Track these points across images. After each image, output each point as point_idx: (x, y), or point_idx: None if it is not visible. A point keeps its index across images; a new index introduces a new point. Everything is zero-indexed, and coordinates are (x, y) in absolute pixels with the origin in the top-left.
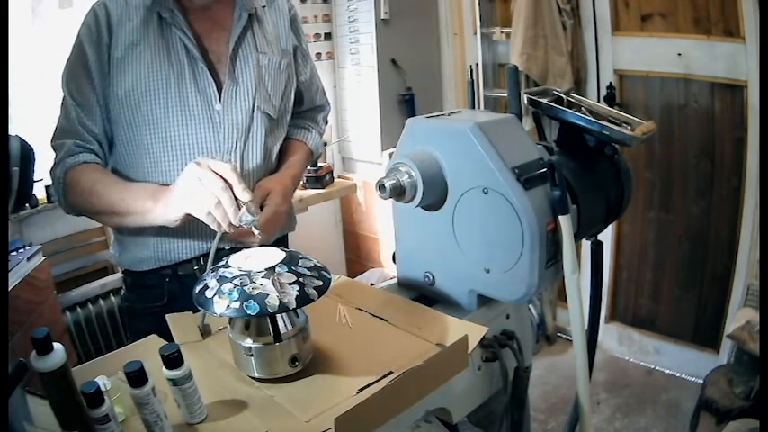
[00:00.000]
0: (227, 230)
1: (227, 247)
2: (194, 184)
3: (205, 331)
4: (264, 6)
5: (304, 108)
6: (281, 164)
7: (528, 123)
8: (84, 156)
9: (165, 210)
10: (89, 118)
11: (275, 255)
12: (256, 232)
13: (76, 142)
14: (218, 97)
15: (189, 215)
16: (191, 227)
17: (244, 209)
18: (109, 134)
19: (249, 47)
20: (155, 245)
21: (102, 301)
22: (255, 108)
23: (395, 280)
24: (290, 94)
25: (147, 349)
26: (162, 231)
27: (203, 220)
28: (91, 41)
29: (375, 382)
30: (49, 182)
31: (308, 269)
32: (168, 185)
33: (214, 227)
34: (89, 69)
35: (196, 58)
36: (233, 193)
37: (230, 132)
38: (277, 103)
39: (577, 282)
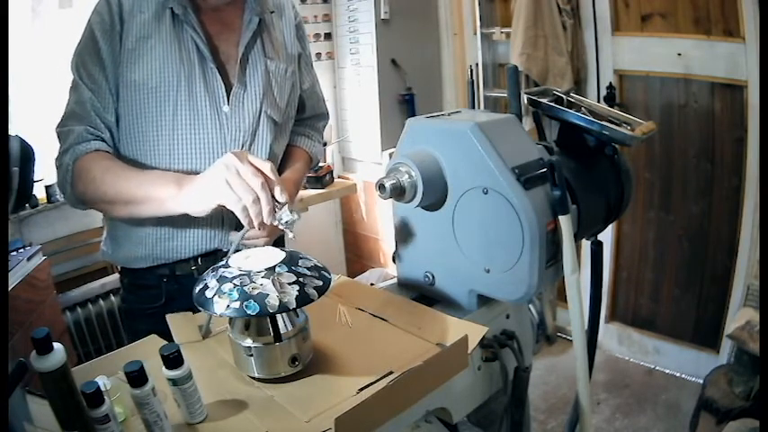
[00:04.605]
0: (257, 228)
1: (225, 249)
2: (233, 176)
3: (205, 331)
4: (273, 12)
5: (306, 115)
6: (282, 170)
7: (528, 123)
8: (95, 143)
9: (193, 197)
10: (102, 104)
11: (275, 255)
12: (290, 235)
13: (87, 129)
14: (226, 99)
15: (219, 207)
16: (189, 226)
17: (285, 208)
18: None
19: (258, 52)
20: (152, 243)
21: (102, 301)
22: (263, 112)
23: (395, 280)
24: (294, 100)
25: (147, 349)
26: (160, 229)
27: (237, 213)
28: (103, 30)
29: (375, 382)
30: (50, 182)
31: (308, 269)
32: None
33: (245, 223)
34: (101, 57)
35: (206, 57)
36: (271, 193)
37: (237, 134)
38: (283, 108)
39: (577, 282)
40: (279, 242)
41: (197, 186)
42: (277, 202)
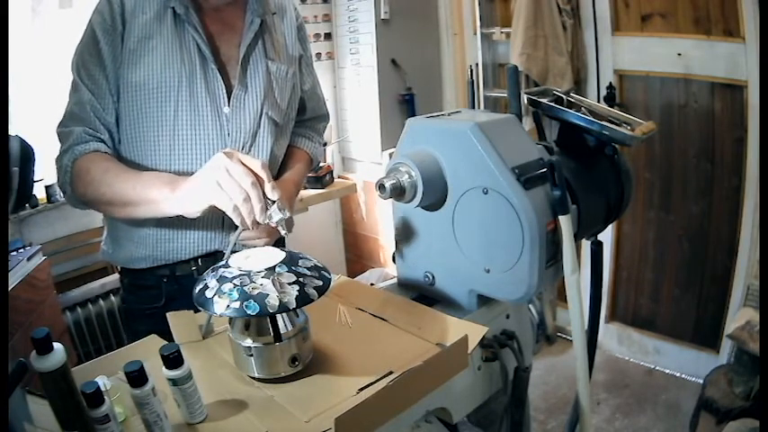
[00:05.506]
0: (251, 228)
1: (225, 250)
2: (223, 176)
3: (205, 331)
4: (275, 14)
5: (306, 117)
6: (282, 171)
7: (528, 123)
8: (93, 144)
9: (185, 199)
10: (102, 105)
11: (275, 255)
12: (283, 232)
13: (86, 130)
14: (226, 100)
15: (212, 207)
16: (190, 226)
17: (274, 206)
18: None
19: (259, 53)
20: (152, 244)
21: (102, 301)
22: (263, 114)
23: (395, 280)
24: (294, 102)
25: (147, 349)
26: (160, 230)
27: (228, 214)
28: (104, 30)
29: (375, 382)
30: (50, 182)
31: (308, 269)
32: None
33: (238, 222)
34: (102, 58)
35: (207, 58)
36: (262, 191)
37: (238, 136)
38: (283, 110)
39: (577, 282)
40: (279, 243)
41: (189, 188)
42: (269, 200)
